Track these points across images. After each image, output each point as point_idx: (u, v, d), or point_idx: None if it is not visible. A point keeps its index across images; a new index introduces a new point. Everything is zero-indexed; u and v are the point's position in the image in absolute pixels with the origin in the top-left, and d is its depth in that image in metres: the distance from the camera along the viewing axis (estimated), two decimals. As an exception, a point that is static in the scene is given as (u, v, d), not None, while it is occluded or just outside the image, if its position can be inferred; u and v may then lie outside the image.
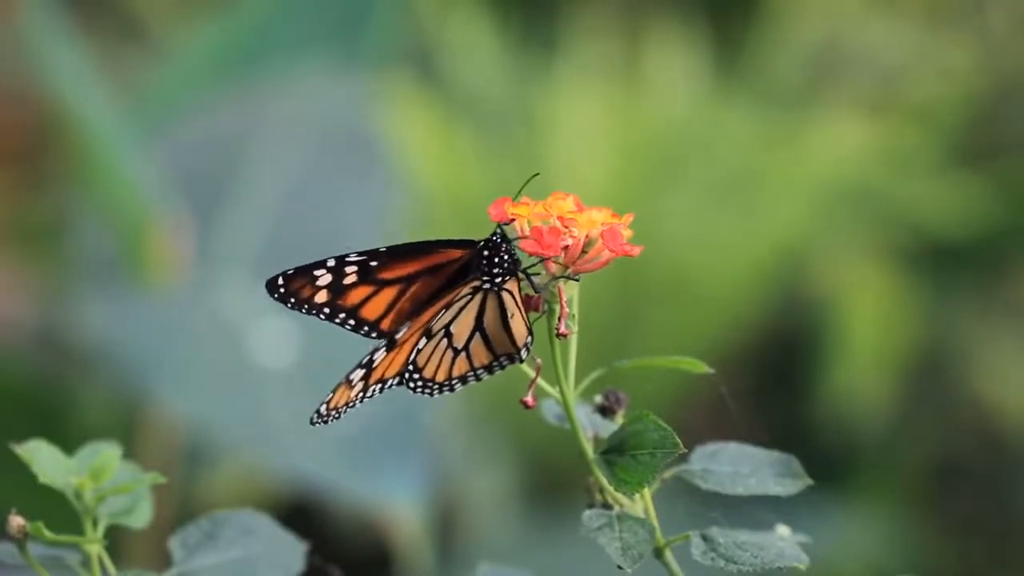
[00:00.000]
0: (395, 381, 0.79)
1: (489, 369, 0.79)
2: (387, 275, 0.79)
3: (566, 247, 0.76)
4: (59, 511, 0.82)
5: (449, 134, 2.22)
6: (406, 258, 0.79)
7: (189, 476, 1.89)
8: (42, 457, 0.78)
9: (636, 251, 0.76)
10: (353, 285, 0.79)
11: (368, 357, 0.78)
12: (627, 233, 0.76)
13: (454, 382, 0.79)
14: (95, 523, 0.79)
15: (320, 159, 1.86)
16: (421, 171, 2.10)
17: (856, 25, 2.49)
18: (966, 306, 2.32)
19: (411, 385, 0.79)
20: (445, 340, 0.78)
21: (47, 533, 0.76)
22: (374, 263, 0.79)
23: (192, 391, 1.67)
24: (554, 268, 0.76)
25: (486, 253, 0.77)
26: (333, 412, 0.78)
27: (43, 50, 1.79)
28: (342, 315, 0.80)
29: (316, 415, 0.78)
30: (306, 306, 0.80)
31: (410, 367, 0.78)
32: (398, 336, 0.78)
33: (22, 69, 2.21)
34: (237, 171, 1.84)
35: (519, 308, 0.77)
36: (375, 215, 1.82)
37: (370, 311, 0.80)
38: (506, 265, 0.77)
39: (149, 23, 2.48)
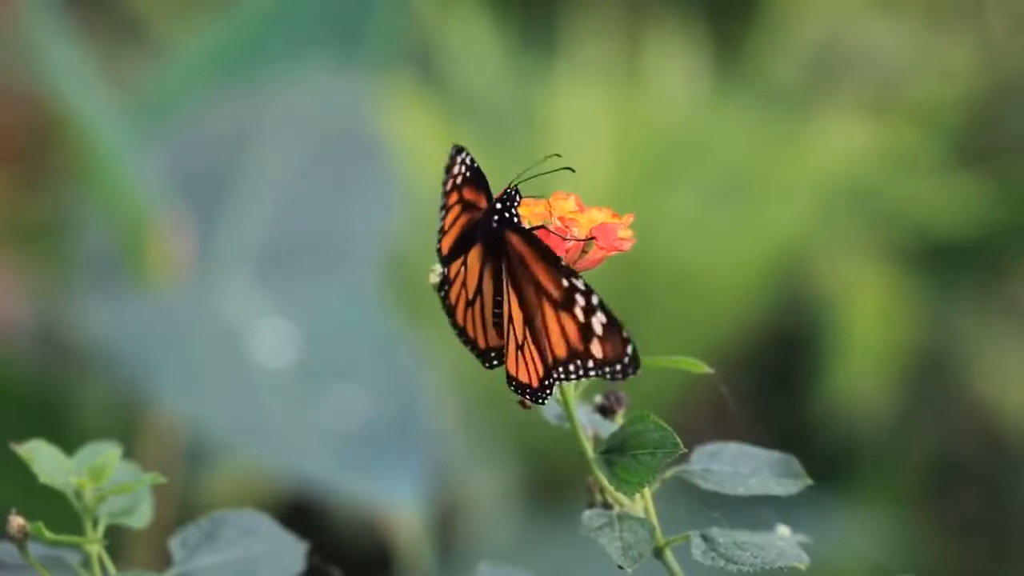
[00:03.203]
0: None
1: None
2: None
3: (567, 248, 0.76)
4: (59, 511, 0.82)
5: (449, 134, 2.21)
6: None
7: (189, 476, 1.89)
8: (42, 457, 0.78)
9: (627, 246, 0.76)
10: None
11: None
12: (627, 233, 0.76)
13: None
14: (95, 523, 0.79)
15: (320, 159, 1.86)
16: (421, 171, 2.10)
17: (856, 25, 2.49)
18: (966, 306, 2.31)
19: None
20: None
21: (47, 533, 0.76)
22: None
23: (192, 391, 1.67)
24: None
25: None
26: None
27: (43, 50, 1.79)
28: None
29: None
30: None
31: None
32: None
33: (22, 69, 2.21)
34: (237, 171, 1.84)
35: None
36: (375, 215, 1.82)
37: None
38: None
39: (149, 23, 2.48)
